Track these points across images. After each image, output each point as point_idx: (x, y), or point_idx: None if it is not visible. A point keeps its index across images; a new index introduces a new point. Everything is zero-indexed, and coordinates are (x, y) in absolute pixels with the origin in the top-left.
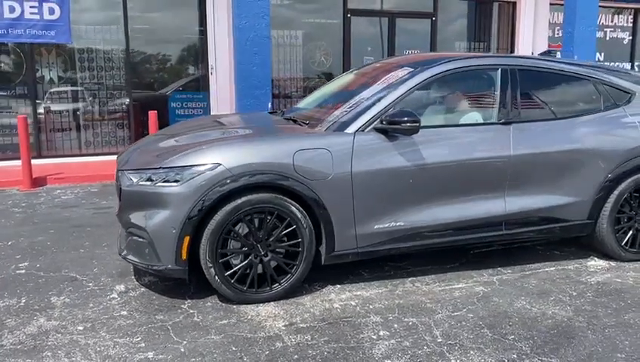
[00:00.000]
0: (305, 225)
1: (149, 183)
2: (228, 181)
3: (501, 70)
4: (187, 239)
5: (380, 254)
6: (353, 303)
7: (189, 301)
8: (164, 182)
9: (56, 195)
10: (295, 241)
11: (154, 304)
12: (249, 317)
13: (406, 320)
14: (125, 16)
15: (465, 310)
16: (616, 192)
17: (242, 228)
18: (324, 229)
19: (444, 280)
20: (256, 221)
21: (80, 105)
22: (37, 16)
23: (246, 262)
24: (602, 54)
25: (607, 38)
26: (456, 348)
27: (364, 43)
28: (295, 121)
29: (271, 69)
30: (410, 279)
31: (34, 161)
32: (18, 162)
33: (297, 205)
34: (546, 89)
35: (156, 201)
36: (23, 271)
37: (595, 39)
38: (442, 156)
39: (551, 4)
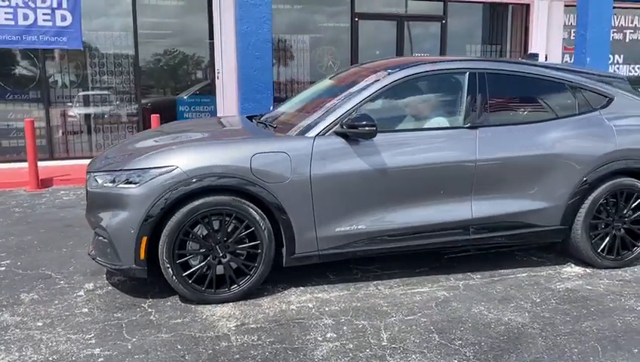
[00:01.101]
0: (263, 228)
1: (111, 185)
2: (185, 183)
3: (469, 74)
4: (145, 240)
5: (342, 257)
6: (310, 305)
7: (150, 300)
8: (124, 183)
9: (58, 196)
10: (254, 243)
11: (116, 302)
12: (204, 316)
13: (357, 322)
14: (135, 23)
15: (420, 314)
16: (590, 198)
17: (201, 230)
18: (284, 231)
19: (409, 284)
20: (216, 223)
21: (92, 109)
22: (49, 23)
23: (204, 263)
24: (622, 56)
25: (627, 40)
26: (399, 351)
27: (373, 47)
28: (266, 125)
29: (272, 73)
30: (374, 282)
31: (46, 163)
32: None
33: (255, 207)
34: (517, 93)
35: (117, 202)
36: (3, 269)
37: (609, 41)
38: (404, 160)
39: (566, 5)
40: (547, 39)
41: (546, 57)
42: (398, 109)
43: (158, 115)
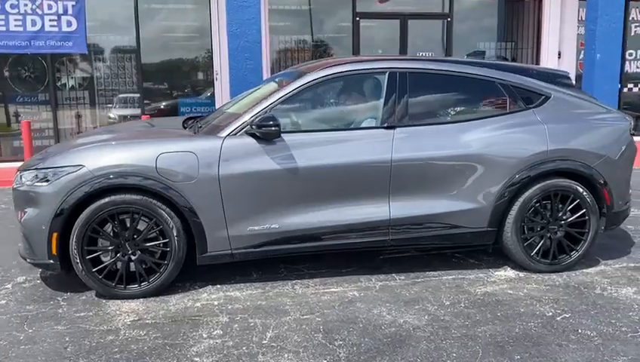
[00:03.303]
0: (171, 226)
1: (30, 182)
2: (90, 182)
3: (389, 74)
4: (55, 236)
5: (257, 256)
6: (215, 303)
7: (67, 294)
8: (39, 181)
9: None
10: (164, 241)
11: (36, 295)
12: (108, 311)
13: (251, 321)
14: (137, 27)
15: (317, 314)
16: (520, 199)
17: (111, 227)
18: (194, 230)
19: (327, 284)
20: (127, 221)
21: (97, 110)
22: (56, 29)
23: (113, 259)
24: None
25: None
26: (274, 350)
27: (375, 46)
28: (195, 126)
29: (263, 74)
30: (294, 281)
31: None
32: None
33: (163, 206)
34: (442, 92)
35: (33, 200)
36: None
37: (621, 37)
38: (317, 160)
39: None
40: (560, 35)
41: (559, 54)
42: (315, 110)
43: (148, 116)
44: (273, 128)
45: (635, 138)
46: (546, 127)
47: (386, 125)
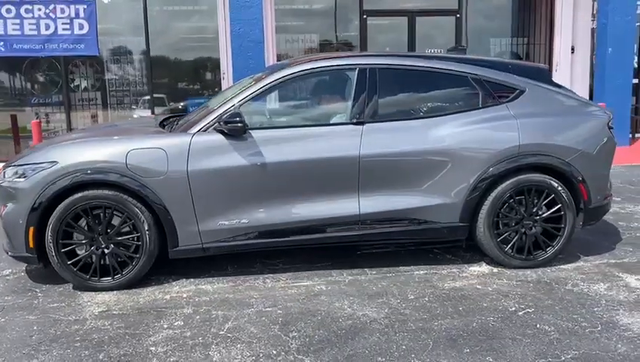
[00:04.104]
0: (142, 220)
1: (9, 179)
2: (63, 178)
3: (358, 70)
4: (32, 230)
5: (228, 250)
6: (185, 295)
7: (46, 286)
8: (18, 177)
9: None
10: (137, 235)
11: (16, 287)
12: (80, 302)
13: (214, 312)
14: (147, 29)
15: (280, 306)
16: (493, 194)
17: (87, 221)
18: (165, 225)
19: (297, 278)
20: (101, 215)
21: (109, 111)
22: (68, 32)
23: (87, 252)
24: None
25: None
26: (229, 341)
27: (383, 43)
28: (172, 123)
29: None
30: (266, 276)
31: None
32: None
33: (134, 201)
34: (412, 88)
35: (12, 195)
36: None
37: (634, 31)
38: (284, 155)
39: None
40: (574, 30)
41: (572, 49)
42: (285, 106)
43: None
44: (239, 124)
45: None
46: (518, 122)
47: (354, 121)
